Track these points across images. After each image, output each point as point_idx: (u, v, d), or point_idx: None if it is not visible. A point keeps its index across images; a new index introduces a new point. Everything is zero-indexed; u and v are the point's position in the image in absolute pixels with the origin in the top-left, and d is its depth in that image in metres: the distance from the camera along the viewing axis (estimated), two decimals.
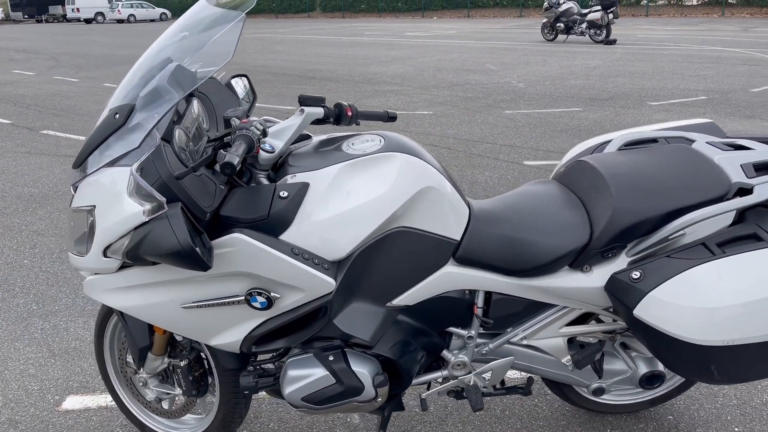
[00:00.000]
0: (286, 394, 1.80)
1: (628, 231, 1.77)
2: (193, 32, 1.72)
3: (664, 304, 1.63)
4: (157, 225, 1.47)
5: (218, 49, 1.58)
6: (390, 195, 1.69)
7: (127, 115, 1.56)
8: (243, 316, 1.69)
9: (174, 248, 1.43)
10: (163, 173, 1.50)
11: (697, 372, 1.69)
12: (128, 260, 1.55)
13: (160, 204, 1.48)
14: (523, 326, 1.94)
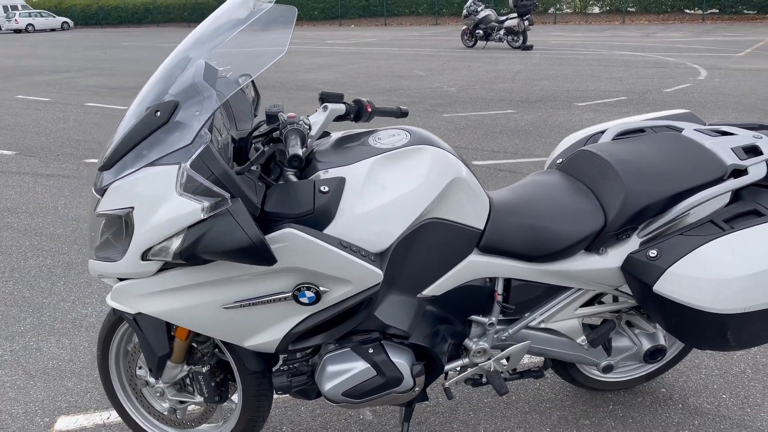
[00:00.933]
0: (327, 390, 1.79)
1: (640, 213, 1.89)
2: (224, 28, 1.69)
3: (684, 279, 1.76)
4: (219, 221, 1.44)
5: (268, 43, 1.57)
6: (425, 187, 1.73)
7: (170, 112, 1.52)
8: (287, 313, 1.68)
9: (243, 243, 1.41)
10: (216, 170, 1.47)
11: (713, 341, 1.82)
12: (180, 261, 1.50)
13: (223, 200, 1.45)
14: (541, 310, 2.03)
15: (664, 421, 2.27)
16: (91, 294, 3.41)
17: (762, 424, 2.23)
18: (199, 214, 1.45)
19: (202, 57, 1.69)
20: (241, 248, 1.42)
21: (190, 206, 1.46)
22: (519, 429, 2.27)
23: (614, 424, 2.27)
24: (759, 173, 1.90)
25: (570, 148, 2.31)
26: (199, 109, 1.54)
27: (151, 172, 1.52)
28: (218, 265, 1.60)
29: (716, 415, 2.29)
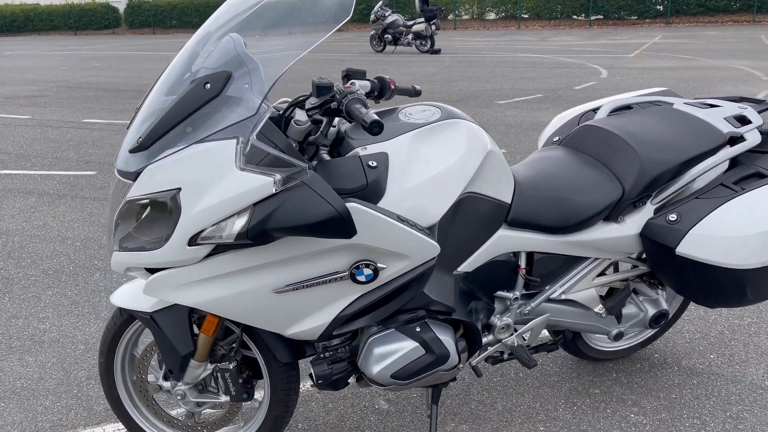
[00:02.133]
0: (376, 374, 1.74)
1: (654, 181, 1.97)
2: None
3: (706, 239, 1.85)
4: (295, 194, 1.36)
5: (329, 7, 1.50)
6: (465, 160, 1.73)
7: (223, 83, 1.42)
8: (339, 294, 1.61)
9: (326, 215, 1.34)
10: (280, 142, 1.39)
11: (732, 298, 1.93)
12: (241, 242, 1.40)
13: (300, 171, 1.37)
14: (561, 282, 2.07)
15: (665, 383, 2.38)
16: (44, 308, 3.13)
17: (753, 378, 2.39)
18: (271, 188, 1.36)
19: (232, 30, 1.60)
20: (324, 220, 1.35)
21: (260, 180, 1.37)
22: (535, 403, 2.30)
23: (622, 390, 2.35)
24: (755, 139, 2.04)
25: (564, 126, 2.37)
26: (248, 82, 1.45)
27: (203, 148, 1.42)
28: (273, 247, 1.51)
29: (710, 374, 2.43)
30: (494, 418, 2.23)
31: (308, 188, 1.36)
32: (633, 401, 2.29)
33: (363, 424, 2.22)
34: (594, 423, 2.19)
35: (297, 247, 1.52)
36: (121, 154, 1.57)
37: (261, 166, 1.39)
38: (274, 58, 1.52)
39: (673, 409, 2.23)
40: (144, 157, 1.49)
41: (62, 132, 7.54)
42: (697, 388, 2.35)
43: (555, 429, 2.16)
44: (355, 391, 2.40)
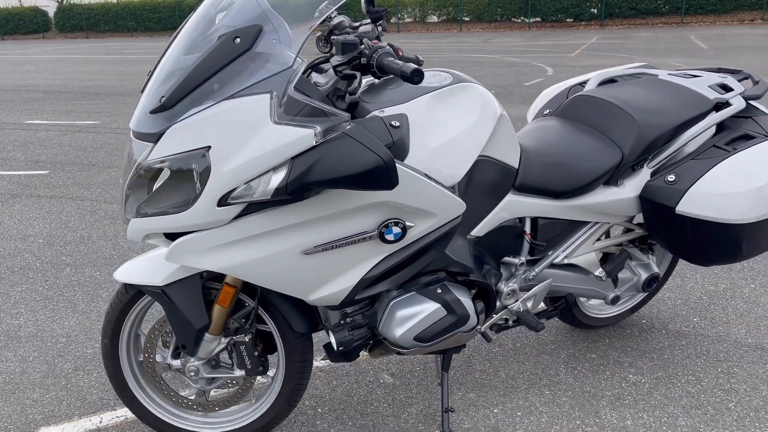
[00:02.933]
0: (399, 337, 1.73)
1: (651, 145, 2.05)
2: None
3: (705, 196, 1.94)
4: (337, 145, 1.34)
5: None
6: (480, 123, 1.75)
7: (254, 38, 1.39)
8: (367, 255, 1.60)
9: (372, 164, 1.33)
10: (315, 95, 1.37)
11: (728, 254, 2.02)
12: (282, 196, 1.38)
13: (344, 121, 1.35)
14: (563, 246, 2.12)
15: (657, 346, 2.47)
16: (15, 304, 2.98)
17: (736, 337, 2.50)
18: (311, 140, 1.35)
19: None
20: (369, 170, 1.34)
21: (300, 132, 1.35)
22: (537, 369, 2.35)
23: (618, 354, 2.43)
24: (739, 105, 2.15)
25: (554, 99, 2.44)
26: (275, 37, 1.43)
27: (235, 103, 1.39)
28: (303, 206, 1.49)
29: (696, 335, 2.53)
30: (499, 386, 2.26)
31: (351, 138, 1.35)
32: (629, 363, 2.36)
33: (371, 397, 2.21)
34: (596, 384, 2.24)
35: (327, 205, 1.50)
36: (139, 116, 1.52)
37: (299, 118, 1.37)
38: (298, 14, 1.50)
39: (667, 368, 2.32)
40: (166, 118, 1.45)
41: (5, 133, 7.20)
42: (687, 348, 2.44)
43: (559, 392, 2.21)
44: (357, 367, 2.39)
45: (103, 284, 3.18)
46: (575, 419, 2.06)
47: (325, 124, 1.37)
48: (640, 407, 2.11)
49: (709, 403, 2.12)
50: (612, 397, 2.17)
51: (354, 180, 1.36)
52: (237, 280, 1.72)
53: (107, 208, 4.42)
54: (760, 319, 2.63)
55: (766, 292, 2.86)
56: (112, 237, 3.86)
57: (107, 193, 4.78)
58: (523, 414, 2.10)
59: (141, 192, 1.54)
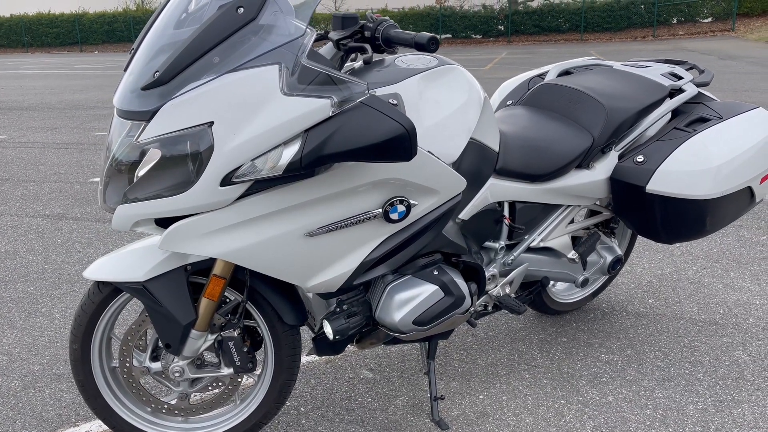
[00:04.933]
0: (398, 321, 1.70)
1: (619, 128, 2.14)
2: None
3: (673, 174, 2.04)
4: (353, 115, 1.29)
5: None
6: (469, 103, 1.77)
7: (259, 7, 1.32)
8: (369, 235, 1.56)
9: (393, 132, 1.29)
10: (328, 65, 1.32)
11: (693, 229, 2.12)
12: (296, 171, 1.31)
13: (361, 90, 1.30)
14: (539, 230, 2.16)
15: (620, 326, 2.56)
16: None
17: (690, 315, 2.64)
18: (328, 111, 1.29)
19: None
20: (391, 139, 1.30)
21: (315, 103, 1.29)
22: (513, 355, 2.37)
23: (587, 337, 2.49)
24: (693, 91, 2.28)
25: (514, 90, 2.50)
26: (276, 9, 1.37)
27: (240, 75, 1.32)
28: (306, 185, 1.44)
29: (655, 314, 2.65)
30: (480, 373, 2.26)
31: (369, 108, 1.32)
32: (599, 343, 2.43)
33: (353, 393, 2.15)
34: (572, 365, 2.29)
35: (333, 184, 1.46)
36: (125, 93, 1.42)
37: (311, 88, 1.31)
38: None
39: (635, 346, 2.40)
40: (160, 94, 1.35)
41: None
42: (648, 327, 2.55)
43: (539, 375, 2.24)
44: (334, 365, 2.32)
45: (39, 299, 2.94)
46: (559, 399, 2.09)
47: (341, 93, 1.32)
48: (618, 383, 2.17)
49: (680, 375, 2.21)
50: (590, 375, 2.22)
51: (374, 150, 1.32)
52: (226, 271, 1.63)
53: (30, 223, 4.11)
54: (707, 297, 2.78)
55: (707, 273, 3.03)
56: (41, 251, 3.58)
57: (28, 207, 4.45)
58: (509, 398, 2.11)
59: (123, 178, 1.43)
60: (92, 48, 29.26)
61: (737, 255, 3.24)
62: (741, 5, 24.20)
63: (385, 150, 1.33)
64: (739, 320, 2.58)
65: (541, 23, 25.53)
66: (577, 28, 25.22)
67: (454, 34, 26.74)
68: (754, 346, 2.38)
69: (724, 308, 2.68)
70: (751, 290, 2.84)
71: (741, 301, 2.73)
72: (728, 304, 2.71)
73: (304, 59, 1.32)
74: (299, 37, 1.33)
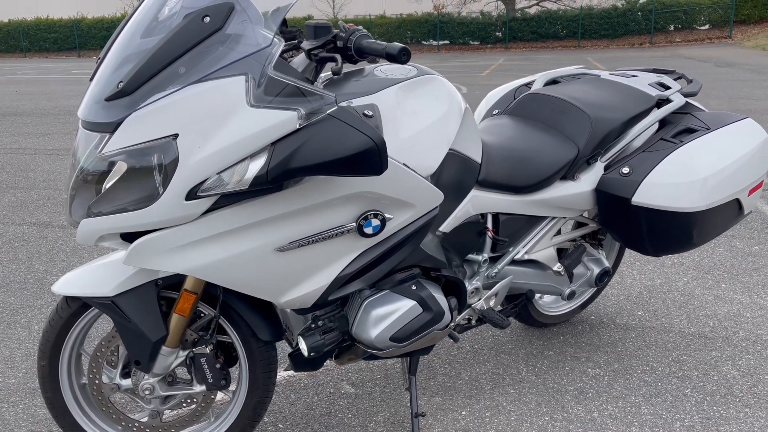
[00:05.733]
0: (375, 337, 1.65)
1: (604, 139, 2.10)
2: None
3: (659, 187, 2.00)
4: (321, 128, 1.25)
5: None
6: (449, 114, 1.73)
7: (225, 16, 1.29)
8: (343, 251, 1.52)
9: (362, 145, 1.25)
10: (295, 76, 1.28)
11: (680, 242, 2.08)
12: (262, 185, 1.27)
13: (329, 102, 1.26)
14: (524, 242, 2.12)
15: (608, 340, 2.52)
16: None
17: (680, 327, 2.59)
18: (295, 123, 1.26)
19: None
20: (359, 153, 1.26)
21: (282, 115, 1.25)
22: (498, 369, 2.33)
23: (573, 350, 2.45)
24: (680, 101, 2.24)
25: (501, 100, 2.47)
26: (245, 18, 1.33)
27: (205, 87, 1.28)
28: (278, 199, 1.39)
29: (643, 327, 2.60)
30: (464, 388, 2.21)
31: (338, 120, 1.28)
32: (586, 357, 2.39)
33: (333, 409, 2.11)
34: (558, 380, 2.25)
35: (303, 197, 1.41)
36: (90, 104, 1.38)
37: (278, 100, 1.28)
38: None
39: (622, 360, 2.36)
40: (125, 105, 1.32)
41: None
42: (637, 340, 2.50)
43: (524, 390, 2.19)
44: (315, 380, 2.28)
45: (20, 309, 2.89)
46: (544, 415, 2.05)
47: (309, 105, 1.29)
48: (604, 399, 2.13)
49: (667, 390, 2.17)
50: (575, 391, 2.18)
51: (342, 164, 1.28)
52: (197, 286, 1.58)
53: (16, 230, 4.06)
54: (697, 310, 2.74)
55: (698, 285, 2.99)
56: (24, 260, 3.53)
57: (14, 215, 4.40)
58: (492, 414, 2.06)
59: (89, 190, 1.39)
60: (90, 53, 29.25)
61: (728, 266, 3.20)
62: (738, 12, 24.27)
63: (354, 164, 1.29)
64: (729, 333, 2.53)
65: (539, 30, 25.58)
66: (574, 35, 25.27)
67: (451, 40, 26.80)
68: (743, 361, 2.33)
69: (714, 321, 2.64)
70: (741, 302, 2.79)
71: (731, 314, 2.69)
72: (718, 317, 2.67)
73: (271, 70, 1.28)
74: (266, 48, 1.29)
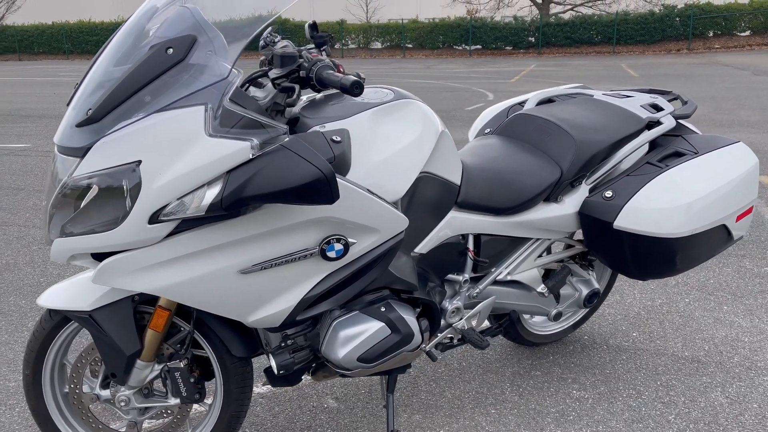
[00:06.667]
0: (342, 357, 1.68)
1: (589, 161, 2.09)
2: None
3: (640, 212, 1.98)
4: (275, 158, 1.30)
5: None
6: (424, 137, 1.75)
7: (187, 48, 1.34)
8: (308, 273, 1.55)
9: (311, 176, 1.29)
10: (252, 107, 1.33)
11: (663, 267, 2.07)
12: (217, 212, 1.32)
13: (281, 134, 1.31)
14: (506, 263, 2.13)
15: (598, 361, 2.50)
16: None
17: (674, 350, 2.56)
18: (248, 153, 1.30)
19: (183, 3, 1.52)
20: (309, 183, 1.30)
21: (236, 145, 1.30)
22: (482, 388, 2.33)
23: (561, 370, 2.44)
24: (670, 123, 2.22)
25: (494, 119, 2.47)
26: (210, 48, 1.38)
27: (168, 116, 1.33)
28: (240, 223, 1.44)
29: (636, 349, 2.58)
30: (445, 406, 2.23)
31: (289, 151, 1.32)
32: (573, 379, 2.38)
33: (314, 423, 2.14)
34: (541, 401, 2.24)
35: (265, 222, 1.46)
36: (64, 129, 1.44)
37: (235, 131, 1.32)
38: (234, 27, 1.47)
39: (609, 383, 2.34)
40: (94, 131, 1.38)
41: None
42: (627, 363, 2.48)
43: (505, 410, 2.20)
44: (300, 392, 2.32)
45: (29, 313, 3.01)
46: None
47: (262, 136, 1.33)
48: (584, 423, 2.12)
49: (650, 416, 2.15)
50: (557, 413, 2.17)
51: (293, 194, 1.32)
52: (171, 302, 1.64)
53: (35, 234, 4.21)
54: (695, 333, 2.70)
55: (699, 306, 2.94)
56: (40, 264, 3.66)
57: (36, 219, 4.56)
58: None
59: (66, 211, 1.45)
60: None
61: (734, 287, 3.14)
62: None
63: (304, 194, 1.33)
64: (724, 358, 2.49)
65: (573, 35, 25.31)
66: (609, 41, 24.93)
67: (484, 45, 26.70)
68: (733, 388, 2.30)
69: (710, 345, 2.60)
70: (741, 326, 2.74)
71: (729, 338, 2.65)
72: (715, 341, 2.63)
73: (226, 101, 1.33)
74: (222, 80, 1.34)
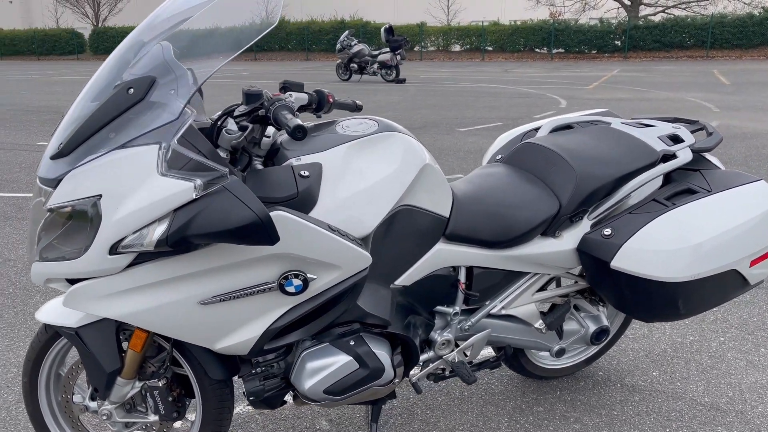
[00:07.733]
0: (308, 389, 1.70)
1: (590, 196, 2.00)
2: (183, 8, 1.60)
3: (639, 253, 1.88)
4: (216, 199, 1.33)
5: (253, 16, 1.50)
6: (401, 172, 1.73)
7: (146, 89, 1.40)
8: (269, 306, 1.58)
9: (248, 220, 1.31)
10: (203, 147, 1.37)
11: (665, 311, 1.95)
12: (161, 249, 1.37)
13: (220, 176, 1.35)
14: (501, 297, 2.07)
15: (608, 401, 2.39)
16: None
17: (693, 395, 2.41)
18: (191, 193, 1.34)
19: (162, 39, 1.58)
20: (245, 226, 1.33)
21: (180, 185, 1.35)
22: (478, 421, 2.28)
23: (565, 408, 2.35)
24: (686, 157, 2.09)
25: (507, 144, 2.40)
26: (174, 88, 1.43)
27: (125, 153, 1.39)
28: (198, 256, 1.48)
29: (652, 391, 2.44)
30: None
31: (229, 193, 1.35)
32: (575, 418, 2.29)
33: None
34: None
35: (223, 256, 1.49)
36: (43, 161, 1.53)
37: (183, 172, 1.37)
38: (204, 66, 1.51)
39: (613, 426, 2.23)
40: (65, 164, 1.46)
41: (14, 154, 7.38)
42: (639, 405, 2.36)
43: None
44: (296, 411, 2.35)
45: None
46: None
47: (207, 177, 1.37)
48: None
49: None
50: None
51: (231, 235, 1.35)
52: None
53: None
54: (721, 376, 2.53)
55: (733, 347, 2.75)
56: None
57: None
58: None
59: (45, 236, 1.54)
60: None
61: None
62: None
63: (242, 235, 1.35)
64: (746, 408, 2.32)
65: (662, 38, 24.19)
66: (702, 45, 23.65)
67: (566, 48, 25.96)
68: None
69: (735, 391, 2.43)
70: None
71: (758, 385, 2.46)
72: (741, 387, 2.45)
73: (174, 143, 1.37)
74: (173, 120, 1.38)
